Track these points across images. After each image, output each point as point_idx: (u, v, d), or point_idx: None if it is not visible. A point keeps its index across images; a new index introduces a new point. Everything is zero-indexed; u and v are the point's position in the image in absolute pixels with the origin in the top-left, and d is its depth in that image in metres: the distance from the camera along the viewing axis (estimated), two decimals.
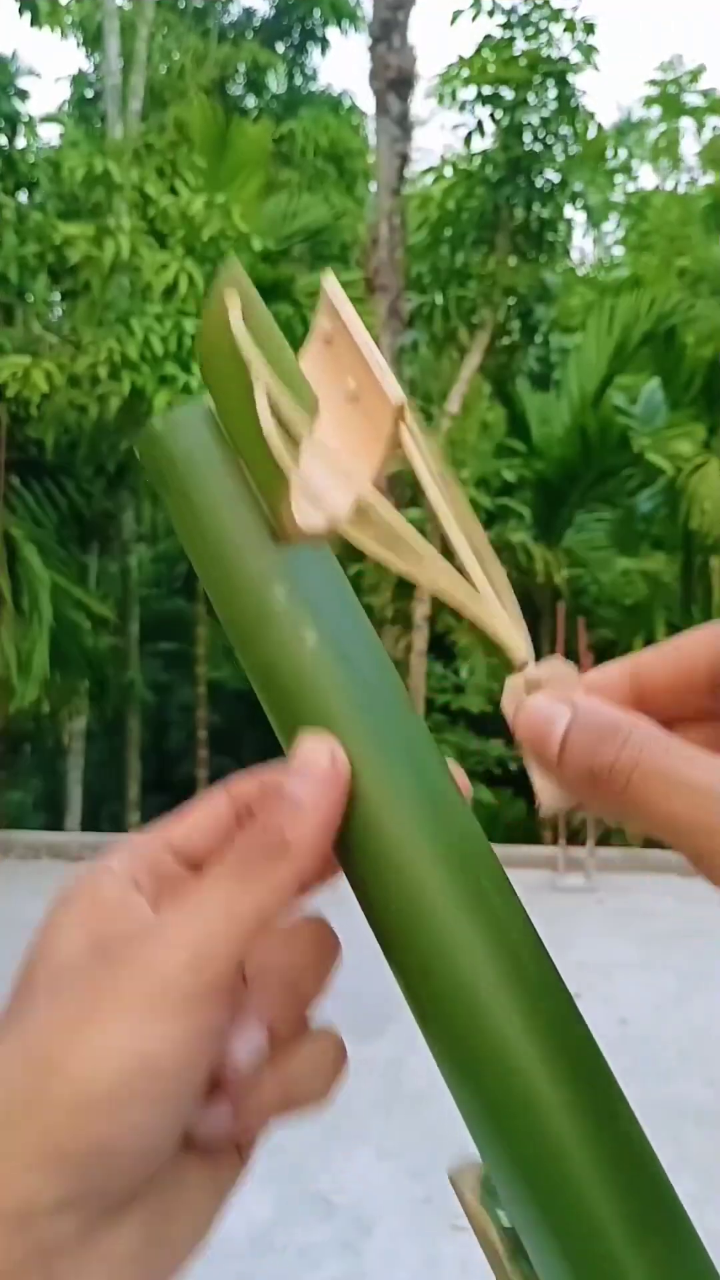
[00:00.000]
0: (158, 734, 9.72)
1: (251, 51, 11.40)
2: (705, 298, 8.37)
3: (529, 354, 7.94)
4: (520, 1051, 0.26)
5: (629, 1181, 0.26)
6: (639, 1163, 0.27)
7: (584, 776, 0.26)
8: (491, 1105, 0.27)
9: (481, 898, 0.28)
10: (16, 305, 7.09)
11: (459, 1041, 0.27)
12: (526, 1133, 0.26)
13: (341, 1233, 2.29)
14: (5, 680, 6.64)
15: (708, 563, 7.58)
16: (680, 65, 12.68)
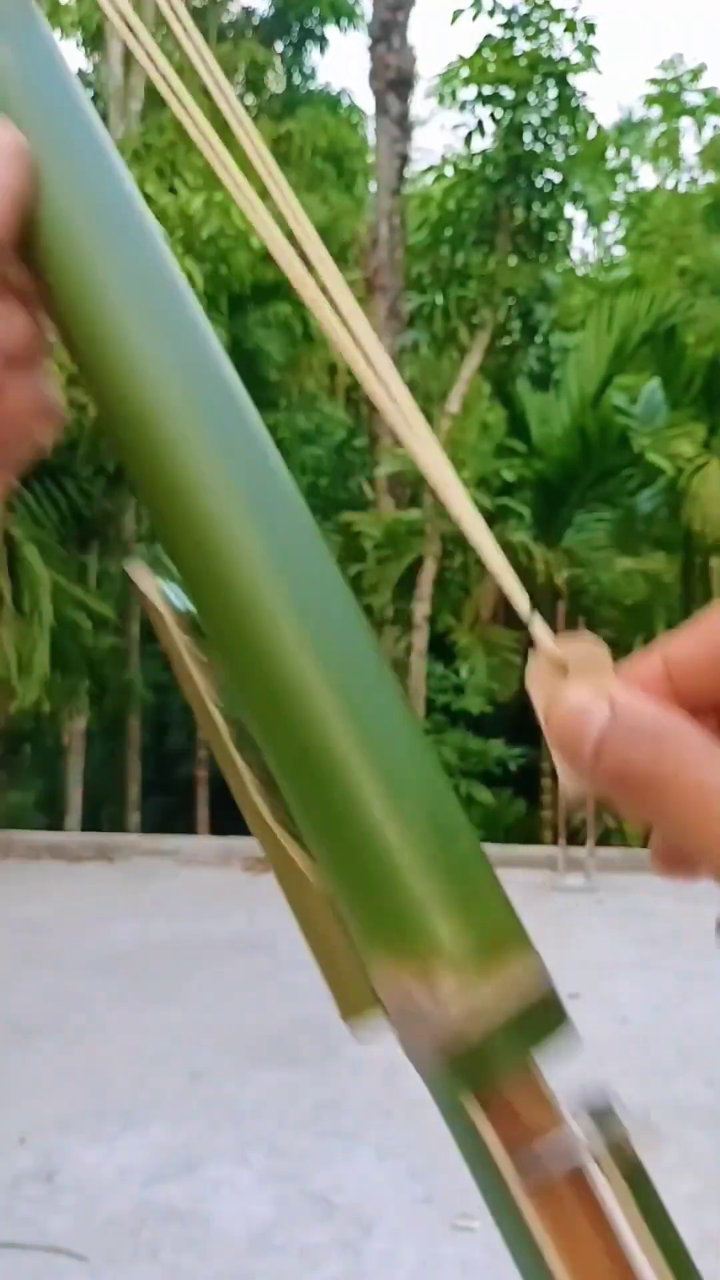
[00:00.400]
0: (158, 734, 9.71)
1: (250, 51, 11.39)
2: (705, 297, 8.37)
3: (529, 354, 7.94)
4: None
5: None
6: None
7: (618, 783, 0.25)
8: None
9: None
10: None
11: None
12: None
13: (341, 1233, 2.29)
14: (5, 680, 6.64)
15: (708, 563, 7.59)
16: (681, 64, 12.68)
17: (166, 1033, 3.43)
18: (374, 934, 0.25)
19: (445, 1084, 0.25)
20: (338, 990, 0.27)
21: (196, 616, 0.28)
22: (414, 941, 0.24)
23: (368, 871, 0.25)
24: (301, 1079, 3.07)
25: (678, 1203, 0.99)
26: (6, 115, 0.27)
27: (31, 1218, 2.34)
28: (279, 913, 0.29)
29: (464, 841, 0.26)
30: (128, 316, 0.27)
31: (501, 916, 0.25)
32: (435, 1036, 0.24)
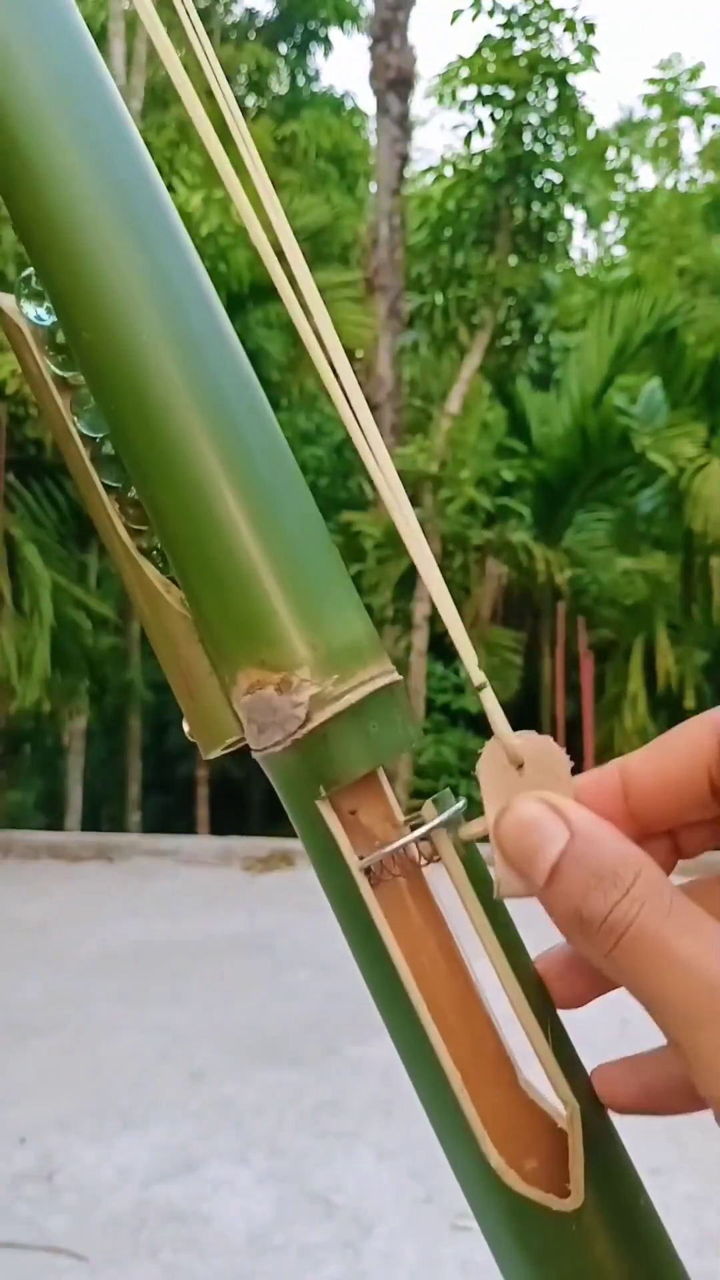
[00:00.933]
0: (158, 734, 9.71)
1: (254, 53, 11.39)
2: (705, 297, 8.37)
3: (529, 354, 7.94)
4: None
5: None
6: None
7: (573, 922, 0.23)
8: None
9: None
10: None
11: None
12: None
13: (341, 1233, 2.29)
14: (5, 680, 6.64)
15: (708, 563, 7.58)
16: (679, 64, 12.68)
17: (166, 1033, 3.43)
18: (238, 647, 0.26)
19: (297, 781, 0.26)
20: (199, 721, 0.28)
21: (58, 333, 0.28)
22: (277, 649, 0.26)
23: (232, 585, 0.26)
24: (301, 1079, 3.07)
25: (677, 1203, 1.01)
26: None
27: (31, 1218, 2.34)
28: (279, 913, 0.29)
29: (323, 560, 0.27)
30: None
31: (359, 629, 0.27)
32: (288, 731, 0.25)
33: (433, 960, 0.26)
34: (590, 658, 6.47)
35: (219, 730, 0.27)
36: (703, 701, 8.19)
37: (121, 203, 0.26)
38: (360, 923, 0.26)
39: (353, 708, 0.26)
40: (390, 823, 0.26)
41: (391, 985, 0.26)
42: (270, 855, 6.08)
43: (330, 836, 0.26)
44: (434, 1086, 0.26)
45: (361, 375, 9.02)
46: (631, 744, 7.69)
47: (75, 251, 0.26)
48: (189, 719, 0.28)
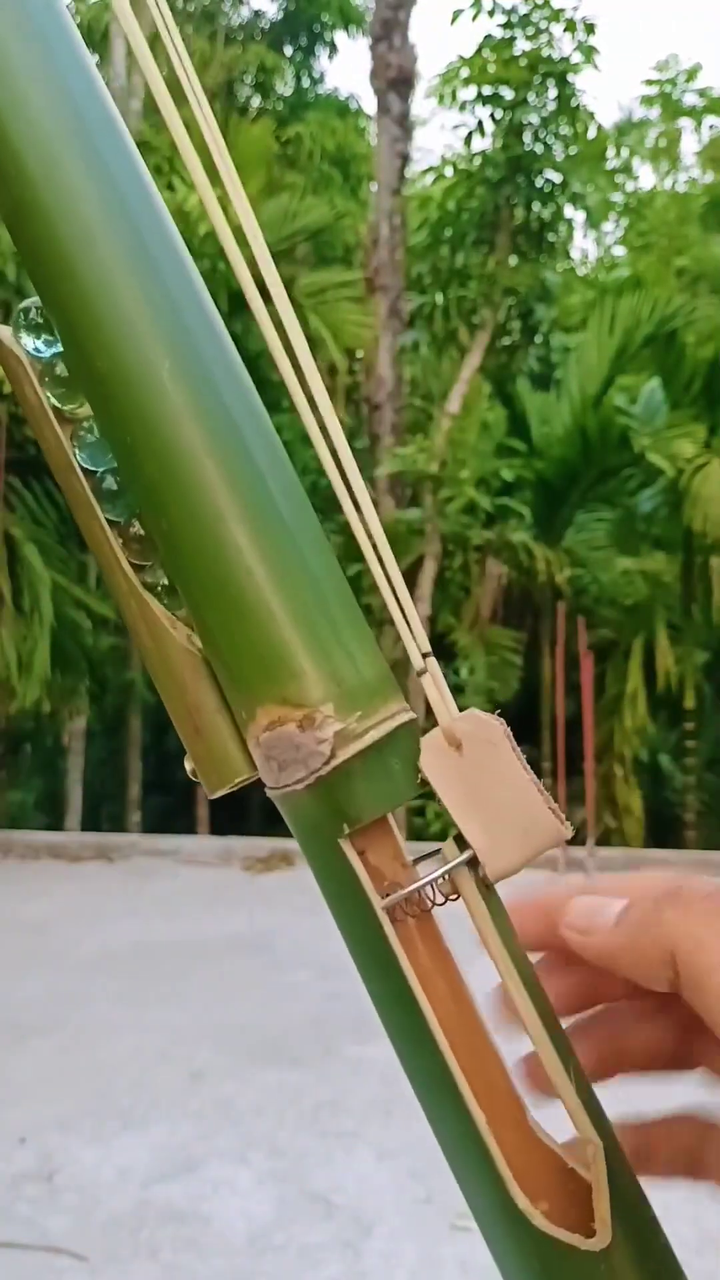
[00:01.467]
0: (158, 734, 9.71)
1: (259, 54, 11.39)
2: (704, 296, 8.37)
3: (529, 354, 7.94)
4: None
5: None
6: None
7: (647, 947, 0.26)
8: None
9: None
10: (15, 301, 7.09)
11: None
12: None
13: (341, 1233, 2.29)
14: (6, 680, 6.64)
15: (708, 563, 7.58)
16: (676, 65, 12.69)
17: (166, 1033, 3.43)
18: (257, 682, 0.26)
19: (317, 819, 0.26)
20: (205, 760, 0.27)
21: (59, 365, 0.27)
22: (299, 685, 0.25)
23: (252, 620, 0.26)
24: (301, 1079, 3.07)
25: (677, 1203, 1.00)
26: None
27: (31, 1218, 2.34)
28: (279, 913, 0.29)
29: (344, 597, 0.27)
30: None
31: (377, 664, 0.26)
32: (311, 769, 0.25)
33: (444, 1001, 0.26)
34: (590, 658, 6.46)
35: (228, 768, 0.27)
36: (703, 701, 8.20)
37: (132, 231, 0.26)
38: (380, 963, 0.26)
39: (376, 745, 0.25)
40: (399, 862, 0.26)
41: (413, 1026, 0.26)
42: (270, 855, 6.09)
43: (352, 876, 0.26)
44: (457, 1127, 0.26)
45: (362, 375, 9.02)
46: (631, 744, 7.69)
47: (87, 283, 0.26)
48: (194, 756, 0.27)
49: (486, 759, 0.26)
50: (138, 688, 8.43)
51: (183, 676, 0.27)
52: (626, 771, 7.69)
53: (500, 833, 0.26)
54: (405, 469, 7.53)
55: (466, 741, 0.26)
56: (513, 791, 0.26)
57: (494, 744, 0.26)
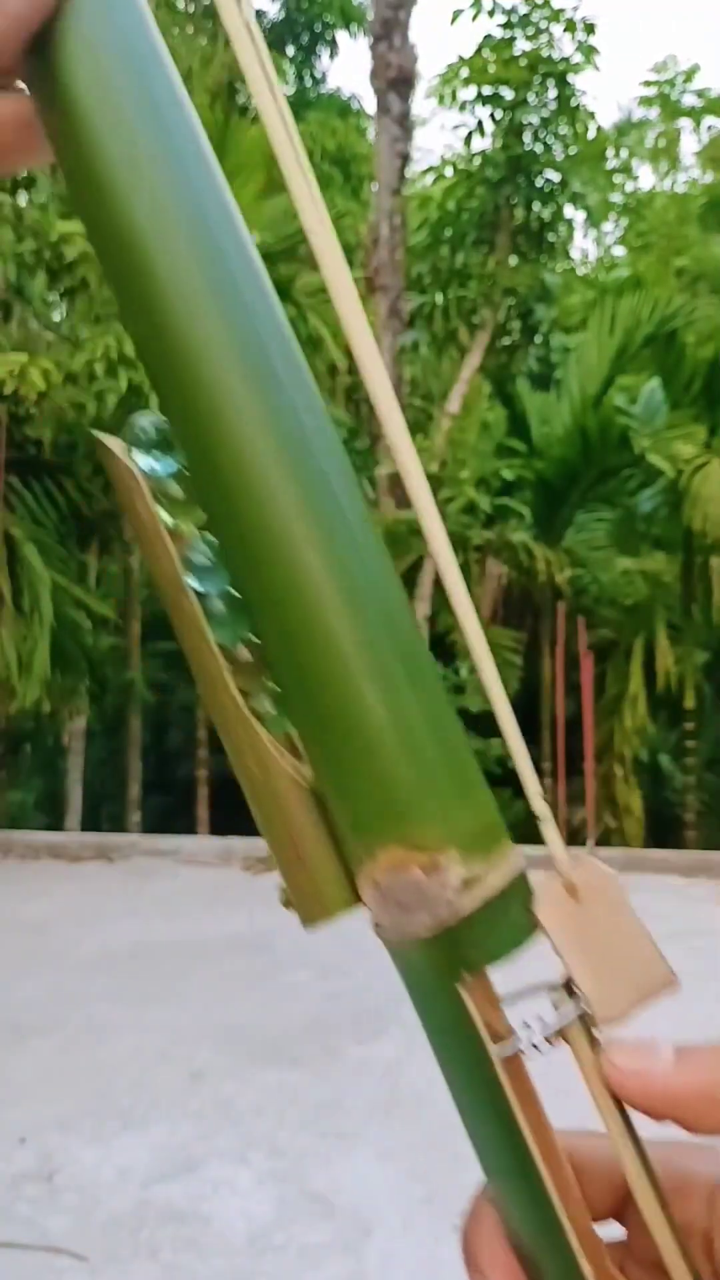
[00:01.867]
0: (158, 734, 9.71)
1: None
2: (704, 296, 8.37)
3: (529, 354, 7.94)
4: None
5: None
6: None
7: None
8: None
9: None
10: (14, 303, 7.09)
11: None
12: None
13: (341, 1233, 2.29)
14: (6, 680, 6.64)
15: (708, 563, 7.59)
16: (675, 66, 12.70)
17: (166, 1033, 3.43)
18: (379, 822, 0.25)
19: (433, 964, 0.26)
20: (306, 891, 0.27)
21: (177, 483, 0.27)
22: (424, 828, 0.25)
23: (378, 759, 0.25)
24: (301, 1079, 3.07)
25: None
26: None
27: (31, 1218, 2.34)
28: (279, 913, 0.29)
29: (459, 733, 0.27)
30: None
31: (493, 807, 0.26)
32: (437, 915, 0.25)
33: (534, 1137, 0.26)
34: (590, 658, 6.47)
35: (331, 902, 0.27)
36: (703, 701, 8.20)
37: (265, 352, 0.26)
38: (490, 1109, 0.26)
39: (498, 890, 0.25)
40: (491, 1003, 0.26)
41: (519, 1167, 0.26)
42: (270, 855, 6.09)
43: (468, 1024, 0.26)
44: (557, 1259, 0.27)
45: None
46: (631, 744, 7.69)
47: (228, 413, 0.25)
48: (293, 886, 0.27)
49: (601, 908, 0.26)
50: (138, 688, 8.43)
51: (288, 806, 0.27)
52: (626, 771, 7.69)
53: (612, 981, 0.26)
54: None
55: (583, 890, 0.26)
56: (626, 941, 0.26)
57: (610, 894, 0.26)
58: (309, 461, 0.26)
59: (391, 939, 0.26)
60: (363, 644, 0.25)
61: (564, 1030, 0.26)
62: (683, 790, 8.05)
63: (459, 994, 0.25)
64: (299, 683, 0.26)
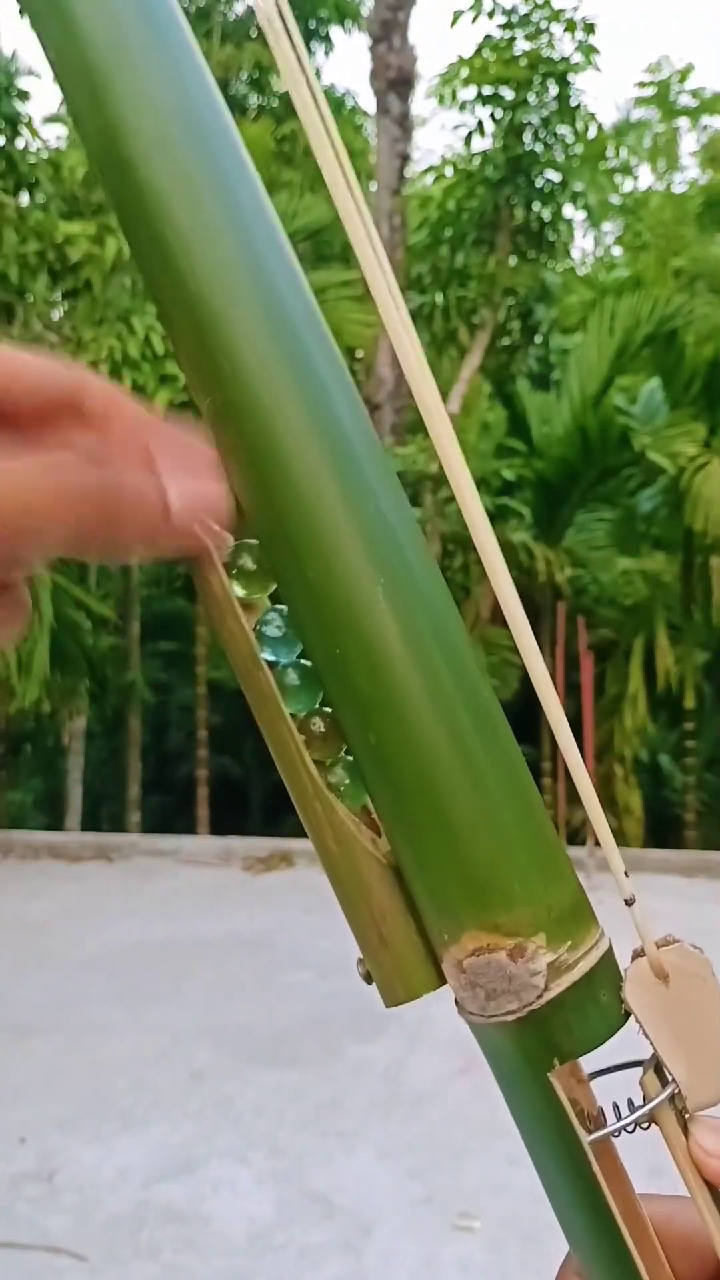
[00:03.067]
0: (158, 734, 9.71)
1: (255, 53, 11.39)
2: (702, 296, 8.37)
3: (529, 354, 7.94)
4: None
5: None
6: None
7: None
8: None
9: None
10: (17, 304, 7.09)
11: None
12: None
13: (341, 1233, 2.29)
14: (5, 680, 6.64)
15: (708, 563, 7.58)
16: (669, 66, 12.71)
17: (166, 1033, 3.43)
18: (466, 906, 0.25)
19: (524, 1051, 0.25)
20: (389, 971, 0.26)
21: (244, 557, 0.27)
22: (512, 913, 0.25)
23: (466, 843, 0.25)
24: (301, 1079, 3.07)
25: None
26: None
27: (31, 1218, 2.34)
28: (279, 913, 0.29)
29: (544, 814, 0.26)
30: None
31: (577, 889, 0.26)
32: (525, 1001, 0.24)
33: (624, 1218, 0.26)
34: (590, 658, 6.46)
35: (415, 983, 0.26)
36: (703, 701, 8.20)
37: (342, 435, 0.26)
38: (581, 1194, 0.26)
39: (586, 976, 0.25)
40: (575, 1078, 0.26)
41: (613, 1254, 0.26)
42: (270, 855, 6.08)
43: (559, 1111, 0.25)
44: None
45: (361, 375, 9.01)
46: (631, 744, 7.69)
47: (302, 492, 0.25)
48: (375, 965, 0.27)
49: (692, 992, 0.26)
50: (138, 688, 8.43)
51: (369, 884, 0.26)
52: (626, 771, 7.69)
53: (704, 1066, 0.25)
54: (405, 469, 7.52)
55: (673, 974, 0.26)
56: (717, 1024, 0.26)
57: (702, 978, 0.26)
58: (383, 528, 0.25)
59: (477, 1022, 0.26)
60: (439, 714, 0.25)
61: (655, 1114, 0.26)
62: (683, 790, 8.04)
63: (549, 1081, 0.25)
64: (375, 756, 0.25)
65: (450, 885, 0.25)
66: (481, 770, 0.25)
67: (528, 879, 0.25)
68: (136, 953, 4.36)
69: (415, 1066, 3.02)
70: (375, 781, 0.26)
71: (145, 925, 4.79)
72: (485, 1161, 2.49)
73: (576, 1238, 0.28)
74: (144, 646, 8.71)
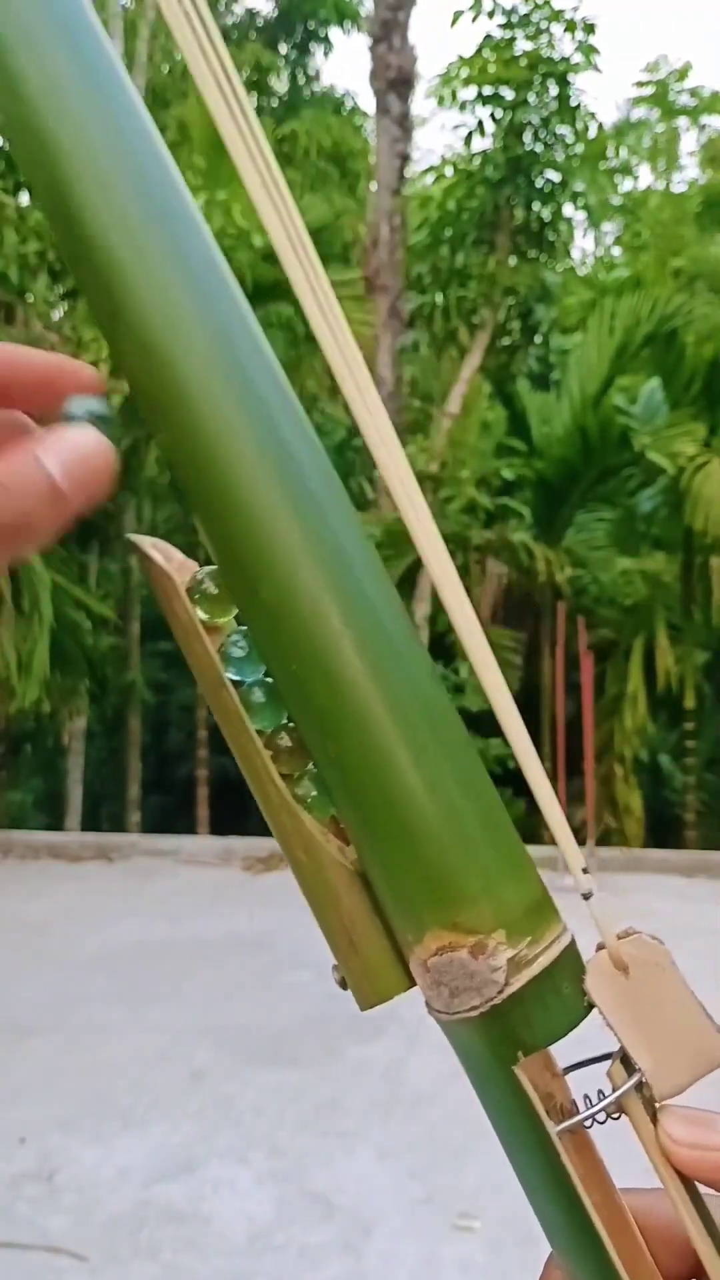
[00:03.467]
0: (158, 734, 9.71)
1: (255, 53, 11.39)
2: (702, 295, 8.37)
3: (529, 354, 7.94)
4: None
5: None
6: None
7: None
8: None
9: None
10: (17, 304, 7.09)
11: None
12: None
13: (341, 1233, 2.29)
14: (5, 680, 6.64)
15: (708, 563, 7.58)
16: (666, 65, 12.72)
17: (166, 1033, 3.43)
18: (427, 907, 0.26)
19: (488, 1045, 0.26)
20: (360, 975, 0.27)
21: (207, 582, 0.28)
22: (471, 912, 0.25)
23: (424, 845, 0.26)
24: (301, 1079, 3.07)
25: None
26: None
27: (31, 1218, 2.34)
28: (279, 912, 0.29)
29: (503, 814, 0.27)
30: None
31: (539, 886, 0.27)
32: (486, 997, 0.25)
33: (601, 1209, 0.26)
34: (590, 658, 6.46)
35: (386, 984, 0.27)
36: (703, 701, 8.20)
37: (293, 461, 0.26)
38: (551, 1183, 0.26)
39: (546, 970, 0.26)
40: (550, 1072, 0.27)
41: (585, 1242, 0.27)
42: (270, 855, 6.08)
43: (525, 1103, 0.26)
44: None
45: None
46: (631, 744, 7.69)
47: (254, 516, 0.26)
48: (348, 970, 0.28)
49: (652, 981, 0.26)
50: (137, 688, 8.43)
51: (338, 891, 0.27)
52: (626, 771, 7.69)
53: (667, 1054, 0.26)
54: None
55: (633, 965, 0.26)
56: (679, 1013, 0.26)
57: (661, 967, 0.26)
58: (333, 547, 0.26)
59: (444, 1020, 0.26)
60: (395, 723, 0.26)
61: (623, 1103, 0.26)
62: (683, 790, 8.05)
63: (515, 1074, 0.26)
64: (336, 766, 0.26)
65: (412, 887, 0.26)
66: (438, 775, 0.26)
67: (486, 878, 0.26)
68: (136, 953, 4.36)
69: (415, 1066, 3.02)
70: (338, 791, 0.27)
71: (145, 925, 4.79)
72: (485, 1161, 2.49)
73: (552, 1230, 0.28)
74: (144, 646, 8.71)
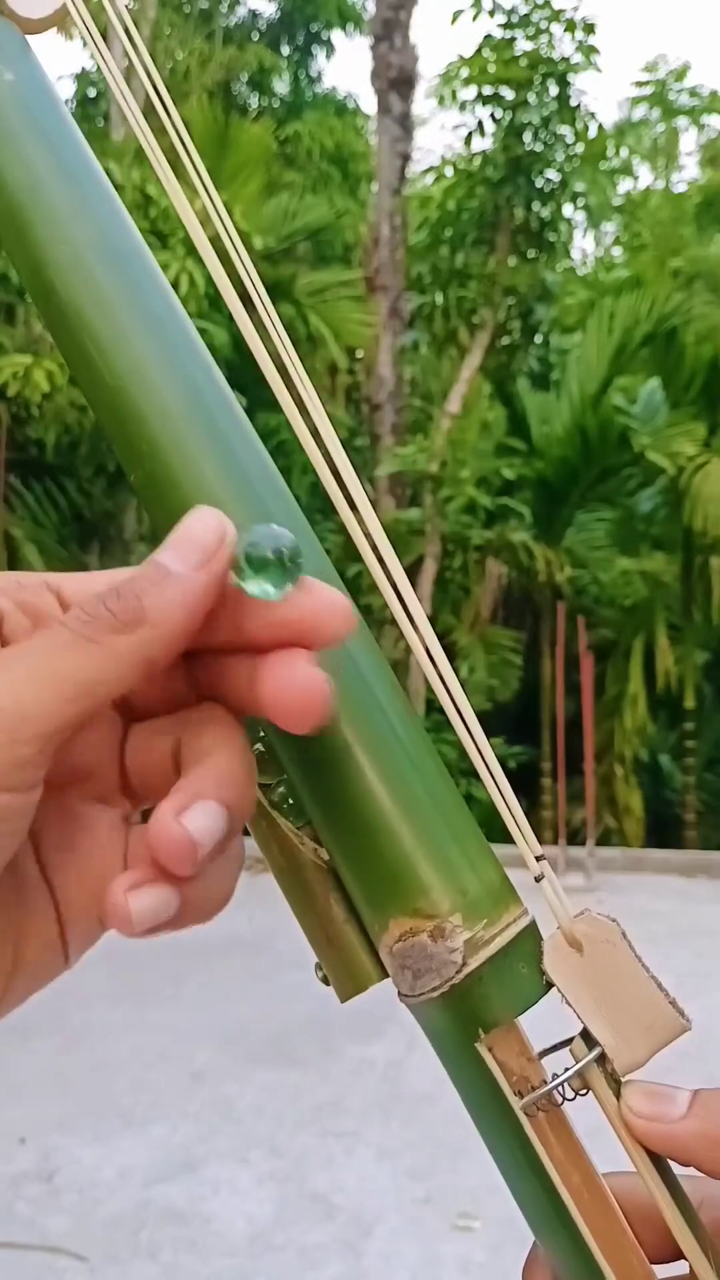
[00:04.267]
0: None
1: (257, 54, 11.39)
2: (701, 295, 8.37)
3: (529, 354, 7.94)
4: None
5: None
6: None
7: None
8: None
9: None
10: (18, 305, 7.09)
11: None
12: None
13: (341, 1233, 2.29)
14: None
15: (708, 563, 7.58)
16: (665, 65, 12.73)
17: (166, 1033, 3.43)
18: (388, 897, 0.27)
19: (451, 1025, 0.27)
20: (338, 969, 0.29)
21: None
22: (429, 898, 0.27)
23: (383, 841, 0.27)
24: (301, 1079, 3.07)
25: None
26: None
27: (31, 1218, 2.34)
28: (279, 913, 0.30)
29: (461, 809, 0.28)
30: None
31: (496, 872, 0.28)
32: (445, 977, 0.26)
33: (580, 1190, 0.27)
34: (590, 658, 6.47)
35: (361, 976, 0.29)
36: (703, 701, 8.20)
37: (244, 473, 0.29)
38: (521, 1160, 0.27)
39: (503, 950, 0.27)
40: (525, 1056, 0.27)
41: (557, 1219, 0.27)
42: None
43: (489, 1079, 0.27)
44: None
45: (362, 374, 9.02)
46: (631, 744, 7.69)
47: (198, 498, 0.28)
48: (327, 964, 0.29)
49: (607, 958, 0.27)
50: None
51: (314, 889, 0.29)
52: (626, 771, 7.69)
53: (626, 1029, 0.27)
54: (405, 469, 7.52)
55: (586, 942, 0.27)
56: (634, 988, 0.27)
57: (613, 944, 0.27)
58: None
59: (411, 1003, 0.27)
60: (355, 728, 0.27)
61: (588, 1079, 0.27)
62: (683, 790, 8.04)
63: (477, 1051, 0.27)
64: (302, 771, 0.28)
65: (376, 880, 0.27)
66: (396, 772, 0.27)
67: (443, 867, 0.27)
68: (136, 953, 4.35)
69: (415, 1066, 3.02)
70: (307, 794, 0.28)
71: None
72: (485, 1161, 2.47)
73: (525, 1207, 0.28)
74: None
